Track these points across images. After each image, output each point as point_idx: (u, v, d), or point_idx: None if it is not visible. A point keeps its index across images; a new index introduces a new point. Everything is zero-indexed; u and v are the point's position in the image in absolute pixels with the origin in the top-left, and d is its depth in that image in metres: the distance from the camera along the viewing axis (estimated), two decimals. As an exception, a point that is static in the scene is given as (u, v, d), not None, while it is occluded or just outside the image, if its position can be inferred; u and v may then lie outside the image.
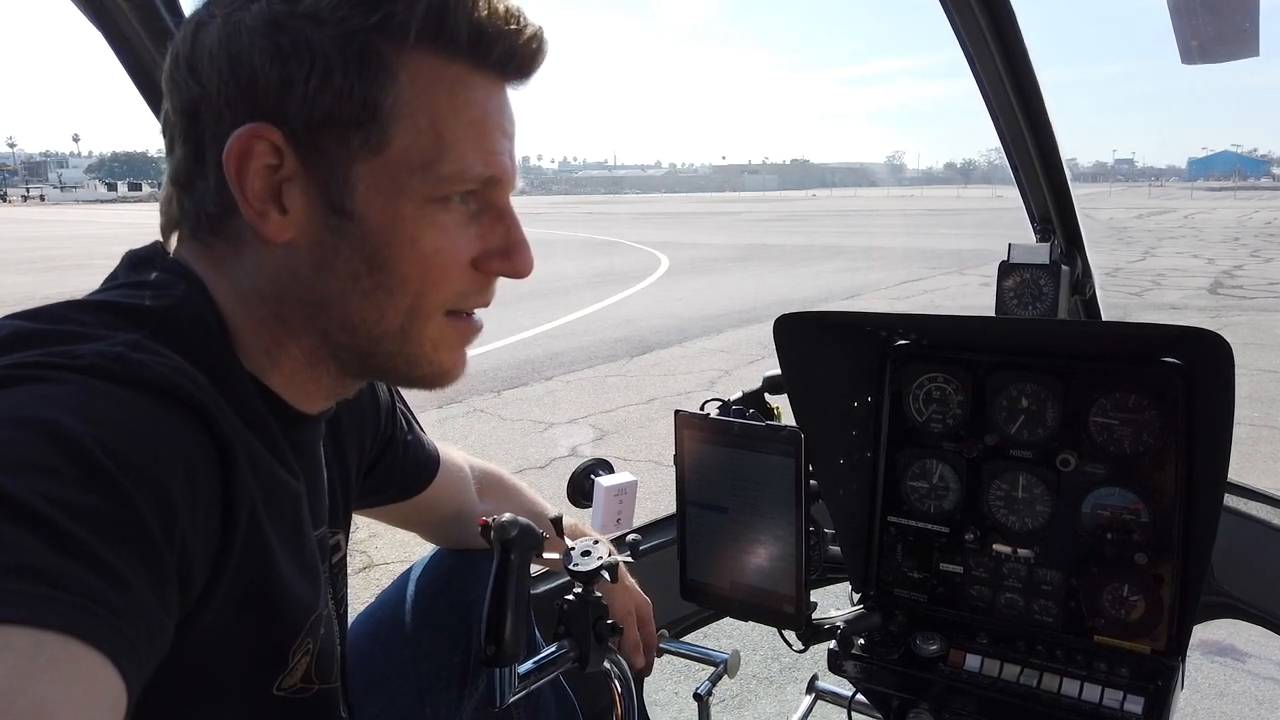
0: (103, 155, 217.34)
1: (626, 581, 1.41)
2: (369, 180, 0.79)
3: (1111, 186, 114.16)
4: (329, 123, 0.77)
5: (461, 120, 0.81)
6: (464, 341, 0.91)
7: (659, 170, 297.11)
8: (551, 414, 7.02)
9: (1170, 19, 1.51)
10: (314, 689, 0.90)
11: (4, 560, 0.52)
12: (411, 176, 0.80)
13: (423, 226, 0.81)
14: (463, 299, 0.87)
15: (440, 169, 0.80)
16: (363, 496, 1.20)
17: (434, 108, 0.80)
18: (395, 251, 0.81)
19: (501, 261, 0.87)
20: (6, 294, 13.49)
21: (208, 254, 0.84)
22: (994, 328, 1.53)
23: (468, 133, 0.82)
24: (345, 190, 0.79)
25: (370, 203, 0.79)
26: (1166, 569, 1.24)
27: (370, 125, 0.78)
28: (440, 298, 0.85)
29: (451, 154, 0.81)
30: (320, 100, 0.76)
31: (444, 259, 0.83)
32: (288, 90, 0.76)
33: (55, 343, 0.69)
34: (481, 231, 0.86)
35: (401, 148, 0.79)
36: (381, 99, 0.77)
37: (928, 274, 16.85)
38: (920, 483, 1.43)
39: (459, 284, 0.86)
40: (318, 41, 0.75)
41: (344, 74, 0.76)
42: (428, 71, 0.79)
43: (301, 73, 0.76)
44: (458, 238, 0.84)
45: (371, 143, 0.78)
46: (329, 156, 0.78)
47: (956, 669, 1.32)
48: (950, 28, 1.64)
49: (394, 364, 0.88)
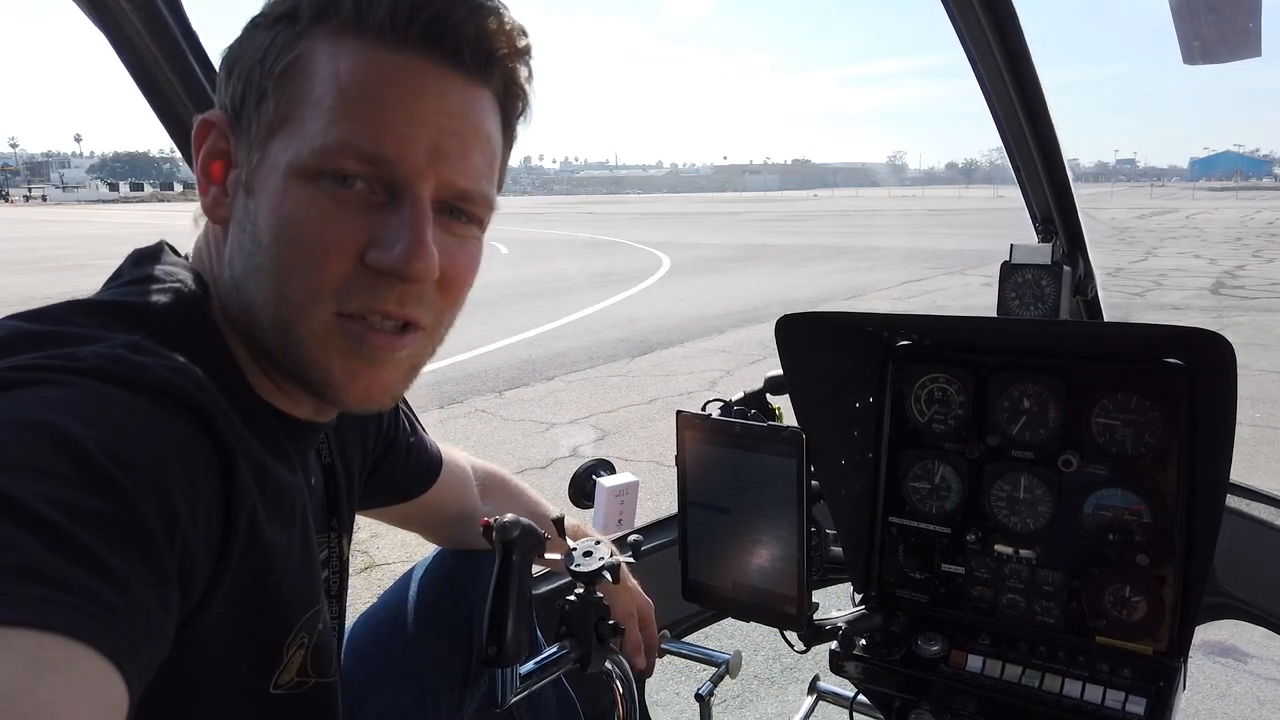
0: (104, 155, 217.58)
1: (629, 583, 1.42)
2: (267, 158, 0.79)
3: (1113, 186, 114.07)
4: (245, 104, 0.80)
5: (349, 95, 0.77)
6: (361, 352, 0.81)
7: (660, 170, 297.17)
8: (553, 414, 7.02)
9: (1172, 19, 1.51)
10: (310, 683, 0.91)
11: (6, 562, 0.52)
12: (294, 152, 0.77)
13: (297, 204, 0.77)
14: (345, 296, 0.79)
15: (316, 142, 0.76)
16: (365, 497, 1.21)
17: (320, 83, 0.77)
18: (270, 229, 0.78)
19: (383, 253, 0.78)
20: (8, 294, 13.49)
21: (203, 246, 0.88)
22: (996, 328, 1.53)
23: (354, 110, 0.76)
24: (251, 168, 0.80)
25: (264, 180, 0.79)
26: (1168, 570, 1.24)
27: (267, 101, 0.79)
28: (313, 285, 0.78)
29: (331, 128, 0.76)
30: (240, 82, 0.80)
31: (315, 240, 0.77)
32: (229, 77, 0.81)
33: (56, 345, 0.69)
34: (376, 221, 0.79)
35: (289, 123, 0.78)
36: (276, 75, 0.78)
37: (929, 274, 16.84)
38: (922, 483, 1.43)
39: (335, 274, 0.78)
40: (256, 37, 0.81)
41: (257, 56, 0.80)
42: (321, 47, 0.78)
43: (237, 60, 0.81)
44: (338, 222, 0.77)
45: (268, 119, 0.79)
46: (249, 136, 0.80)
47: (958, 670, 1.31)
48: (952, 27, 1.64)
49: (286, 362, 0.82)
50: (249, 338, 0.83)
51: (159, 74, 1.29)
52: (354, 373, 0.82)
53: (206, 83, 1.31)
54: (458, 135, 0.80)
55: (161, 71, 1.29)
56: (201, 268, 0.86)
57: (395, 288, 0.80)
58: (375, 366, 0.83)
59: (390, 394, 0.86)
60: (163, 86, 1.30)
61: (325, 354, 0.81)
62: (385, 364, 0.83)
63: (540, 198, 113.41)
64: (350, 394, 0.83)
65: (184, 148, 1.36)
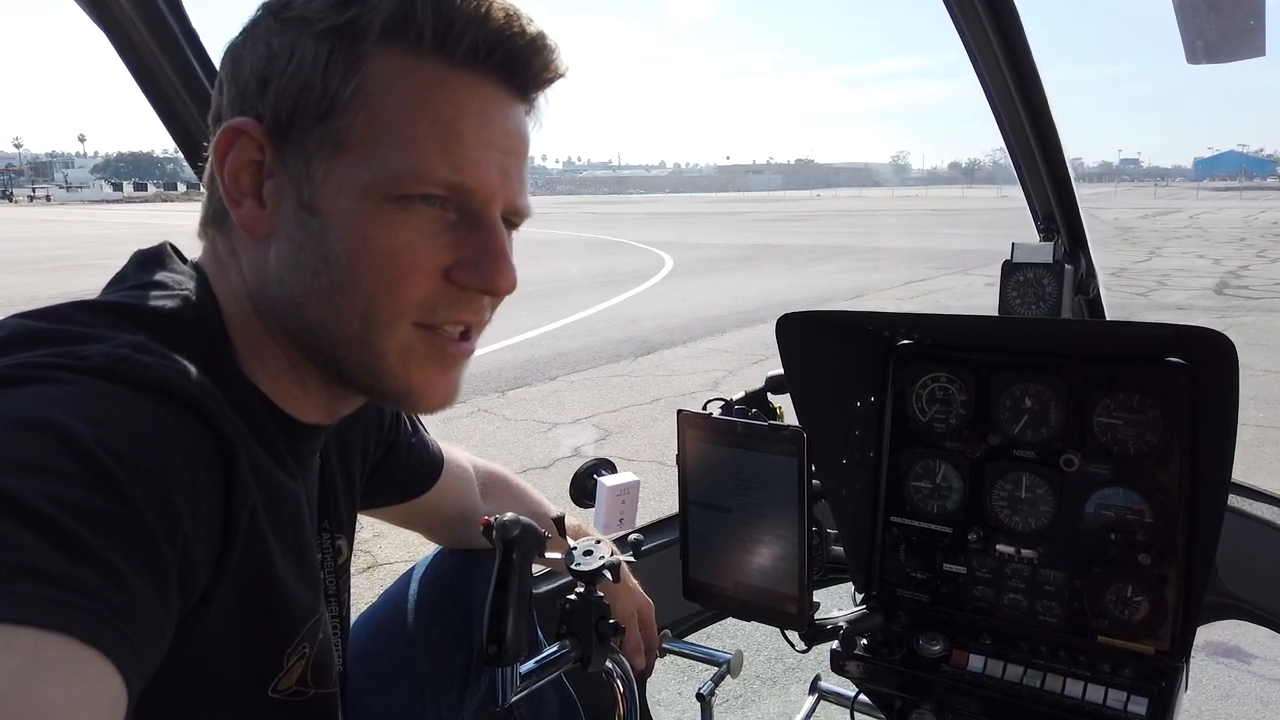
0: (108, 155, 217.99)
1: (629, 583, 1.41)
2: (334, 176, 0.79)
3: (1117, 186, 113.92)
4: (298, 117, 0.79)
5: (426, 118, 0.79)
6: (438, 359, 0.85)
7: (663, 170, 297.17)
8: (555, 414, 7.02)
9: (1176, 18, 1.50)
10: (309, 693, 0.91)
11: (7, 561, 0.52)
12: (371, 174, 0.78)
13: (378, 226, 0.79)
14: (429, 310, 0.83)
15: (398, 167, 0.78)
16: (366, 498, 1.20)
17: (398, 105, 0.78)
18: (349, 250, 0.79)
19: (472, 274, 0.82)
20: (12, 294, 13.52)
21: (214, 253, 0.87)
22: (997, 327, 1.52)
23: (432, 132, 0.79)
24: (313, 185, 0.79)
25: (333, 199, 0.79)
26: (1170, 570, 1.24)
27: (334, 119, 0.78)
28: (398, 304, 0.81)
29: (412, 153, 0.78)
30: (290, 95, 0.79)
31: (400, 262, 0.80)
32: (266, 86, 0.79)
33: (60, 343, 0.69)
34: (456, 241, 0.82)
35: (363, 144, 0.78)
36: (345, 93, 0.78)
37: (932, 274, 16.83)
38: (923, 483, 1.43)
39: (421, 292, 0.81)
40: (298, 40, 0.78)
41: (312, 69, 0.78)
42: (395, 67, 0.78)
43: (279, 68, 0.79)
44: (420, 242, 0.80)
45: (335, 138, 0.78)
46: (301, 151, 0.79)
47: (959, 670, 1.31)
48: (953, 27, 1.64)
49: (360, 375, 0.85)
50: (308, 351, 0.84)
51: (160, 74, 1.29)
52: (431, 381, 0.86)
53: (207, 82, 1.31)
54: (517, 156, 0.84)
55: (163, 71, 1.29)
56: (216, 274, 0.85)
57: (475, 300, 0.85)
58: (449, 373, 0.88)
59: (457, 394, 0.90)
60: (164, 86, 1.31)
61: (405, 365, 0.84)
62: (455, 368, 0.88)
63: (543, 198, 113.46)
64: (428, 400, 0.88)
65: (186, 147, 1.36)
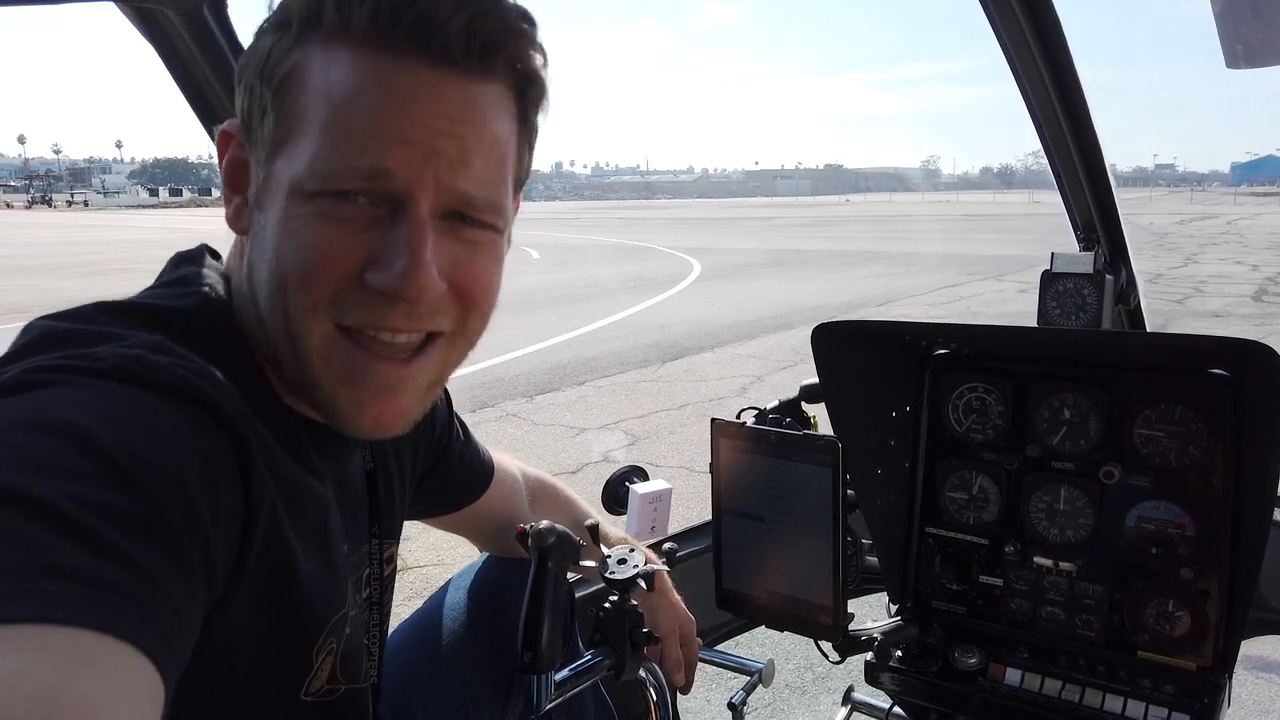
0: (144, 161, 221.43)
1: (671, 598, 1.40)
2: (272, 176, 0.78)
3: (1152, 191, 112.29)
4: (251, 117, 0.80)
5: (336, 109, 0.74)
6: (363, 380, 0.80)
7: (691, 175, 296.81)
8: (584, 419, 7.03)
9: (1215, 23, 1.48)
10: (341, 689, 0.91)
11: (37, 561, 0.53)
12: (293, 172, 0.75)
13: (299, 225, 0.76)
14: (342, 309, 0.77)
15: (313, 165, 0.74)
16: (416, 505, 1.20)
17: (313, 99, 0.75)
18: (276, 247, 0.77)
19: (383, 273, 0.76)
20: (51, 298, 13.77)
21: (235, 253, 0.88)
22: (1036, 338, 1.51)
23: (341, 122, 0.74)
24: (258, 185, 0.80)
25: (272, 198, 0.78)
26: (1213, 584, 1.22)
27: (268, 119, 0.78)
28: (309, 298, 0.77)
29: (325, 148, 0.74)
30: (245, 94, 0.80)
31: (310, 257, 0.76)
32: (239, 85, 0.81)
33: (78, 344, 0.71)
34: (375, 238, 0.76)
35: (287, 142, 0.76)
36: (278, 89, 0.77)
37: (964, 279, 16.67)
38: (959, 494, 1.42)
39: (330, 287, 0.76)
40: (260, 39, 0.80)
41: (259, 67, 0.78)
42: (311, 60, 0.76)
43: (247, 69, 0.80)
44: (336, 239, 0.75)
45: (271, 136, 0.77)
46: (257, 150, 0.80)
47: (996, 683, 1.30)
48: (991, 30, 1.63)
49: (297, 380, 0.82)
50: (266, 349, 0.83)
51: (205, 84, 1.32)
52: (360, 404, 0.81)
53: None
54: (456, 139, 0.76)
55: (207, 82, 1.32)
56: (235, 274, 0.87)
57: (399, 305, 0.78)
58: (384, 396, 0.81)
59: (405, 419, 0.84)
60: (209, 98, 1.33)
61: (328, 377, 0.79)
62: (397, 392, 0.82)
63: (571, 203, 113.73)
64: (358, 424, 0.82)
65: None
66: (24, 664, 0.48)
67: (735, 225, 42.86)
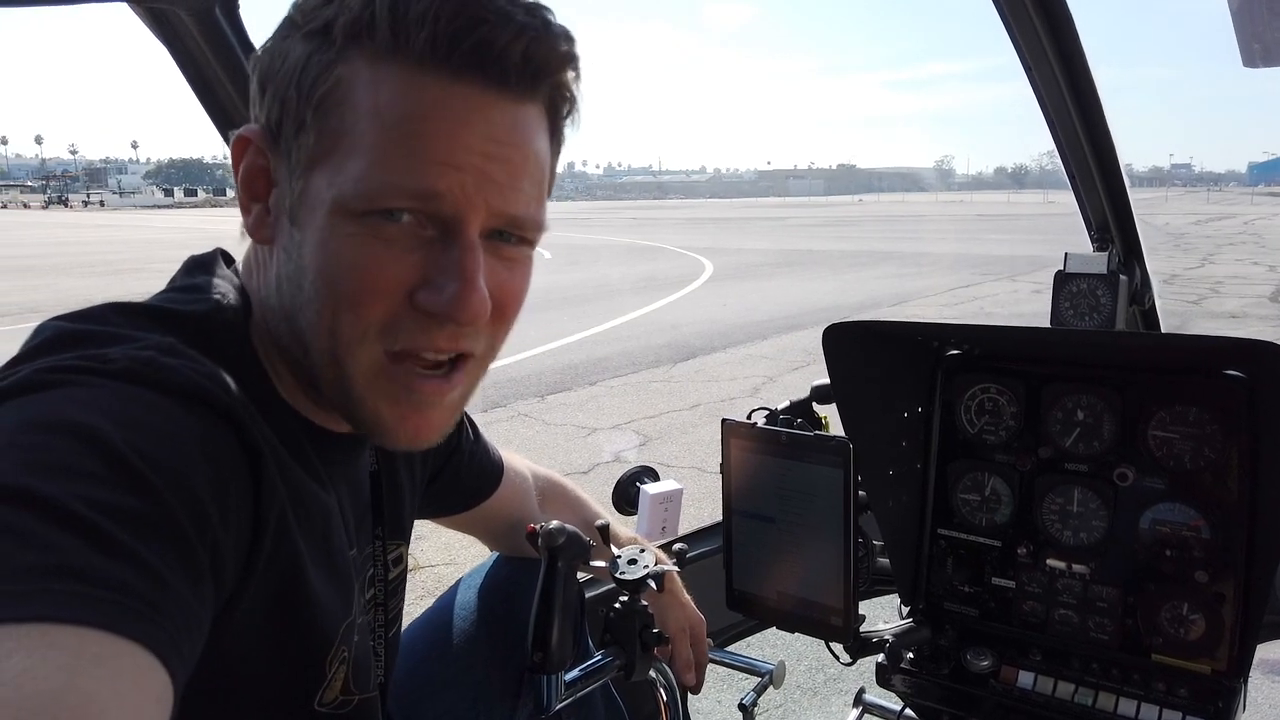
0: (160, 162, 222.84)
1: (681, 597, 1.40)
2: (310, 190, 0.76)
3: (1168, 191, 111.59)
4: (284, 126, 0.77)
5: (388, 127, 0.73)
6: (405, 393, 0.80)
7: (703, 175, 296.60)
8: (595, 419, 7.03)
9: (1231, 21, 1.47)
10: (354, 700, 0.91)
11: (46, 561, 0.53)
12: (338, 190, 0.74)
13: (344, 243, 0.74)
14: (393, 335, 0.77)
15: (362, 183, 0.73)
16: (426, 505, 1.21)
17: (361, 115, 0.74)
18: (318, 265, 0.76)
19: (434, 295, 0.76)
20: (67, 297, 13.88)
21: (248, 259, 0.88)
22: (1049, 338, 1.50)
23: (394, 141, 0.73)
24: (294, 197, 0.78)
25: (310, 213, 0.76)
26: (1228, 587, 1.21)
27: (307, 131, 0.76)
28: (360, 324, 0.76)
29: (375, 166, 0.73)
30: (278, 101, 0.77)
31: (361, 279, 0.75)
32: (265, 92, 0.79)
33: (91, 345, 0.71)
34: (426, 259, 0.76)
35: (331, 158, 0.75)
36: (315, 102, 0.75)
37: (978, 280, 16.60)
38: (972, 495, 1.41)
39: (381, 312, 0.76)
40: (291, 44, 0.77)
41: (294, 75, 0.76)
42: (359, 74, 0.74)
43: (274, 73, 0.78)
44: (385, 260, 0.75)
45: (309, 150, 0.76)
46: (287, 162, 0.78)
47: (1008, 686, 1.29)
48: (1004, 30, 1.62)
49: (334, 396, 0.81)
50: (298, 363, 0.82)
51: (218, 86, 1.32)
52: (402, 418, 0.81)
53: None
54: (506, 162, 0.76)
55: (220, 82, 1.32)
56: (248, 282, 0.86)
57: (447, 326, 0.78)
58: (424, 410, 0.82)
59: (438, 433, 0.85)
60: (221, 99, 1.34)
61: (372, 395, 0.80)
62: (434, 407, 0.82)
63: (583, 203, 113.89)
64: (398, 437, 0.83)
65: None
66: (31, 663, 0.48)
67: (747, 225, 42.81)
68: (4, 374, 0.68)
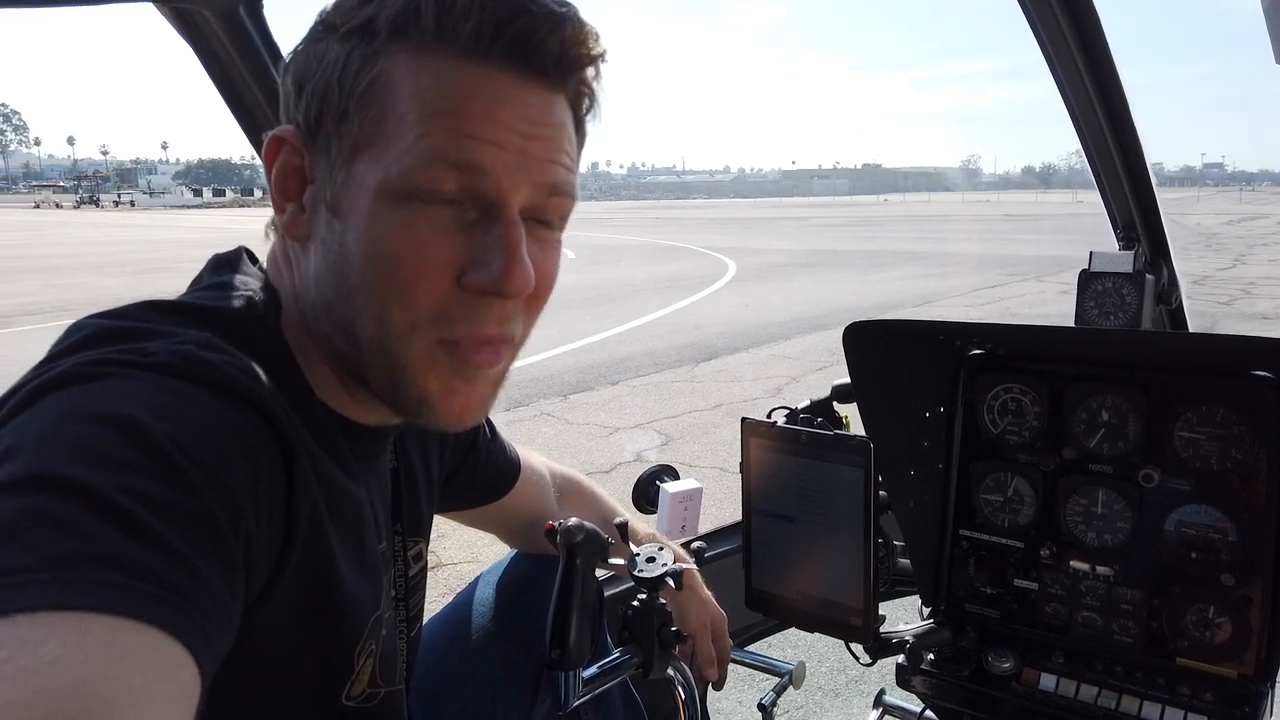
0: (189, 162, 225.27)
1: (701, 594, 1.40)
2: (353, 179, 0.77)
3: (1200, 191, 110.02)
4: (323, 121, 0.79)
5: (433, 112, 0.75)
6: (460, 370, 0.81)
7: (727, 175, 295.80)
8: (617, 419, 7.04)
9: (1264, 18, 1.45)
10: (381, 693, 0.92)
11: (83, 549, 0.54)
12: (382, 173, 0.76)
13: (389, 227, 0.76)
14: (446, 323, 0.79)
15: (405, 164, 0.75)
16: (443, 501, 1.21)
17: (405, 102, 0.76)
18: (363, 253, 0.77)
19: (482, 273, 0.77)
20: (99, 295, 14.07)
21: (275, 257, 0.89)
22: (1073, 338, 1.48)
23: (438, 125, 0.75)
24: (335, 188, 0.79)
25: (352, 201, 0.78)
26: (1255, 590, 1.19)
27: (349, 121, 0.77)
28: (411, 313, 0.78)
29: (419, 149, 0.75)
30: (316, 99, 0.79)
31: (409, 263, 0.76)
32: (301, 93, 0.80)
33: (130, 340, 0.72)
34: (470, 241, 0.78)
35: (375, 144, 0.77)
36: (358, 94, 0.77)
37: (1004, 280, 16.45)
38: (994, 496, 1.40)
39: (432, 299, 0.78)
40: (328, 45, 0.79)
41: (333, 72, 0.78)
42: (403, 64, 0.76)
43: (310, 74, 0.80)
44: (431, 242, 0.76)
45: (352, 139, 0.77)
46: (327, 155, 0.80)
47: (1030, 688, 1.28)
48: (1029, 28, 1.60)
49: (382, 383, 0.82)
50: (339, 354, 0.83)
51: (242, 86, 1.34)
52: (452, 391, 0.82)
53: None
54: (543, 140, 0.79)
55: (245, 83, 1.34)
56: (277, 279, 0.87)
57: (494, 307, 0.79)
58: (471, 384, 0.83)
59: (483, 410, 0.86)
60: (245, 98, 1.35)
61: (425, 376, 0.81)
62: (481, 380, 0.83)
63: (607, 203, 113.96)
64: (446, 413, 0.83)
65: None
66: (65, 651, 0.49)
67: (771, 225, 42.67)
68: (44, 368, 0.69)
